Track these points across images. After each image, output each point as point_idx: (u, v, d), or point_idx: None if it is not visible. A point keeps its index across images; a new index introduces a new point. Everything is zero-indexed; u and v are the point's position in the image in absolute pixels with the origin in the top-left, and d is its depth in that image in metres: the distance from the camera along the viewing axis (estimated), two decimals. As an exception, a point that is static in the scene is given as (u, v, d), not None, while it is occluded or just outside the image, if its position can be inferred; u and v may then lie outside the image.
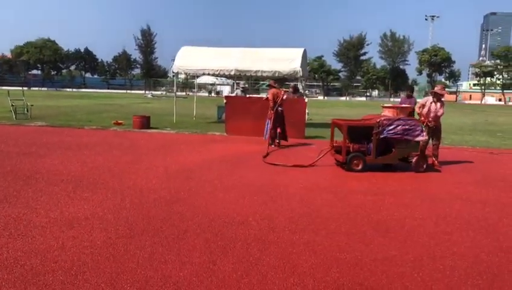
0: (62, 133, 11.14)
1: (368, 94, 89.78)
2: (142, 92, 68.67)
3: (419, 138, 7.14)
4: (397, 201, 5.26)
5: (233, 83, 30.33)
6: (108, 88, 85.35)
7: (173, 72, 15.36)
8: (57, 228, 3.79)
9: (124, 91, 77.95)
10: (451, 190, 6.01)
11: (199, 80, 29.65)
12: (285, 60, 13.51)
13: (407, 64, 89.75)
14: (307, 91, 57.17)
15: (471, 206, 5.17)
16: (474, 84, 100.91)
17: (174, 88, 21.74)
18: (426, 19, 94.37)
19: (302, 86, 15.71)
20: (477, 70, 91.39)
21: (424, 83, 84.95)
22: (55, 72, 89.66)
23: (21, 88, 30.58)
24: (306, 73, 16.05)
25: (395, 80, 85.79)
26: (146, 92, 66.27)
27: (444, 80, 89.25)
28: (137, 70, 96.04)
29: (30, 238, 3.55)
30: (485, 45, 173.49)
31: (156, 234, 3.73)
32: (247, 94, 18.09)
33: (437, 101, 7.69)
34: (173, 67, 14.80)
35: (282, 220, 4.28)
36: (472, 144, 11.57)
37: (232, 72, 14.03)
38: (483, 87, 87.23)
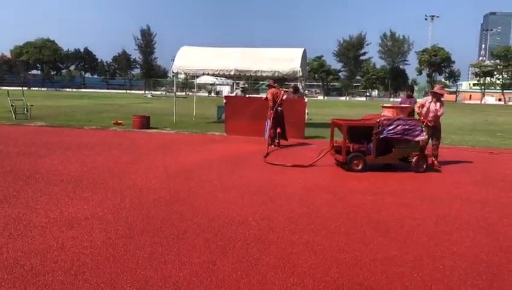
0: (62, 133, 11.14)
1: (368, 94, 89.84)
2: (142, 92, 68.75)
3: (419, 138, 7.14)
4: (397, 201, 5.26)
5: (233, 83, 30.33)
6: (108, 88, 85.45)
7: (173, 72, 15.37)
8: (57, 228, 3.79)
9: (124, 91, 77.99)
10: (451, 190, 6.01)
11: (199, 80, 29.63)
12: (285, 60, 13.52)
13: (407, 64, 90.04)
14: (307, 91, 57.24)
15: (470, 206, 5.18)
16: (474, 84, 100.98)
17: (174, 88, 21.73)
18: (426, 19, 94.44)
19: (302, 86, 15.69)
20: (477, 70, 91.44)
21: (424, 83, 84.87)
22: (54, 72, 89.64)
23: (21, 88, 30.62)
24: (306, 73, 16.05)
25: (395, 80, 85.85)
26: (146, 92, 66.33)
27: (444, 80, 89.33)
28: (137, 70, 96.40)
29: (30, 238, 3.54)
30: (485, 45, 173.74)
31: (156, 234, 3.73)
32: (246, 94, 18.09)
33: (437, 101, 7.70)
34: (173, 67, 14.81)
35: (281, 220, 4.28)
36: (472, 144, 11.57)
37: (232, 72, 14.03)
38: (483, 87, 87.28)
